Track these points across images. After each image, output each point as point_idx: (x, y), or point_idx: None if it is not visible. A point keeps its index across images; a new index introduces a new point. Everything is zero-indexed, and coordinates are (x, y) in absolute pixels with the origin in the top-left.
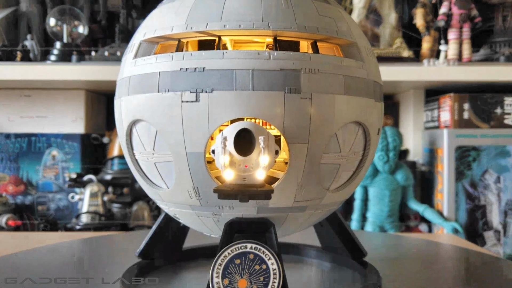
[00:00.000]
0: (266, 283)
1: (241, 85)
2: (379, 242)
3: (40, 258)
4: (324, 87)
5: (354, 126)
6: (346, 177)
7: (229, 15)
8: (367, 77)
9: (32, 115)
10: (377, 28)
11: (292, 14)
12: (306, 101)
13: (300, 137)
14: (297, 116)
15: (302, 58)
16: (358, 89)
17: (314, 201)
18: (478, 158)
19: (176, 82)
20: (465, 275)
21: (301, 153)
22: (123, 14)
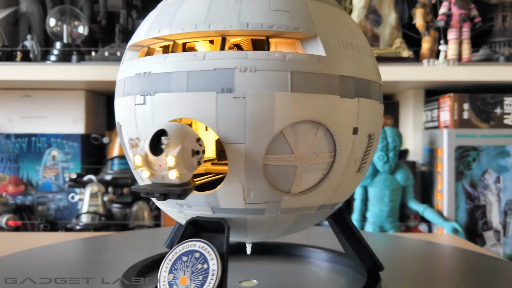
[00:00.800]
0: (203, 282)
1: (177, 87)
2: (379, 242)
3: (40, 258)
4: (261, 85)
5: (310, 125)
6: (314, 180)
7: (178, 20)
8: (329, 72)
9: (32, 115)
10: (377, 28)
11: (237, 12)
12: (240, 100)
13: (235, 137)
14: (230, 116)
15: (238, 56)
16: (312, 85)
17: (271, 204)
18: (478, 158)
19: (132, 86)
20: (465, 275)
21: (239, 154)
22: (123, 14)
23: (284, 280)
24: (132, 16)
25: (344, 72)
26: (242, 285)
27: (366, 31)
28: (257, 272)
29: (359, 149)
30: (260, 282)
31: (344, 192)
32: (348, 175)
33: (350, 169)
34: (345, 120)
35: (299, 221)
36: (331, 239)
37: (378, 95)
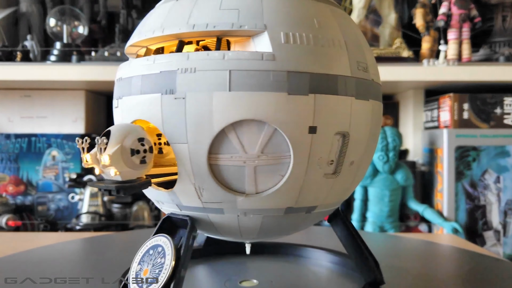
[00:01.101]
0: (157, 276)
1: (135, 91)
2: (379, 242)
3: (40, 258)
4: (200, 85)
5: (256, 124)
6: (273, 181)
7: (145, 27)
8: (275, 68)
9: (32, 116)
10: (377, 28)
11: (188, 15)
12: (181, 101)
13: (179, 137)
14: (173, 117)
15: (180, 58)
16: (254, 83)
17: (227, 204)
18: (478, 158)
19: (115, 90)
20: (465, 275)
21: (183, 153)
22: (123, 14)
23: (284, 280)
24: (132, 16)
25: (295, 67)
26: (242, 285)
27: (366, 31)
28: (257, 272)
29: (323, 150)
30: (260, 282)
31: (319, 196)
32: (314, 178)
33: (314, 171)
34: (296, 119)
35: (274, 223)
36: (331, 239)
37: (355, 90)
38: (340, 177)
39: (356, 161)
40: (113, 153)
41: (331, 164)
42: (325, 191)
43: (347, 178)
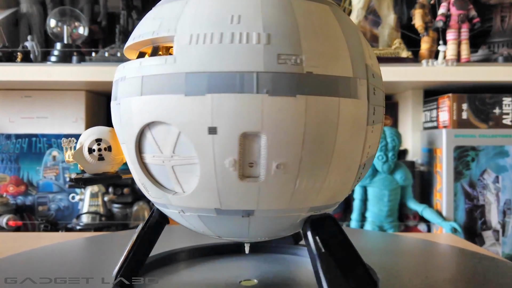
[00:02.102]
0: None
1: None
2: (378, 241)
3: (40, 258)
4: (126, 91)
5: (164, 126)
6: (194, 182)
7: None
8: (175, 71)
9: (32, 116)
10: (376, 28)
11: (155, 22)
12: (118, 106)
13: (120, 138)
14: (116, 121)
15: (121, 68)
16: (158, 87)
17: (165, 200)
18: (477, 158)
19: None
20: (463, 274)
21: (125, 152)
22: (123, 15)
23: (285, 280)
24: (133, 17)
25: (193, 68)
26: (242, 284)
27: (366, 31)
28: (257, 272)
29: (229, 151)
30: (260, 281)
31: (250, 199)
32: (230, 180)
33: (227, 173)
34: (194, 120)
35: (214, 223)
36: None
37: (270, 87)
38: (270, 182)
39: (289, 164)
40: (74, 151)
41: (250, 166)
42: (255, 195)
43: (282, 183)
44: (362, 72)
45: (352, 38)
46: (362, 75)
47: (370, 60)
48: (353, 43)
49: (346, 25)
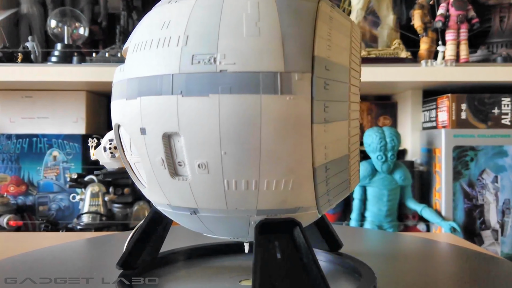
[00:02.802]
0: None
1: None
2: (377, 240)
3: (40, 258)
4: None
5: (122, 128)
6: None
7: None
8: (123, 78)
9: (33, 116)
10: (375, 29)
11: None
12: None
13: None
14: None
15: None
16: (115, 92)
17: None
18: (476, 158)
19: None
20: (463, 273)
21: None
22: (123, 15)
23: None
24: (133, 18)
25: (132, 74)
26: (242, 284)
27: (365, 32)
28: None
29: (157, 151)
30: None
31: (185, 197)
32: (164, 179)
33: (161, 172)
34: (131, 121)
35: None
36: None
37: (184, 88)
38: (197, 181)
39: (211, 164)
40: (96, 150)
41: (180, 165)
42: (190, 194)
43: (209, 183)
44: (303, 66)
45: (296, 28)
46: (304, 68)
47: (327, 51)
48: (296, 34)
49: (292, 15)
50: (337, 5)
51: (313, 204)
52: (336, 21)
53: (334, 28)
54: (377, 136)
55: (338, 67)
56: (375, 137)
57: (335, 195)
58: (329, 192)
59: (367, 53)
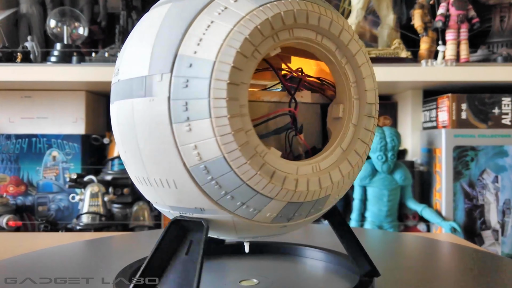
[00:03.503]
0: None
1: None
2: (377, 240)
3: (40, 258)
4: None
5: None
6: None
7: None
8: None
9: (32, 116)
10: (375, 29)
11: None
12: None
13: None
14: None
15: None
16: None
17: None
18: (476, 158)
19: None
20: (464, 273)
21: None
22: (123, 15)
23: (285, 279)
24: (132, 17)
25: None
26: (242, 284)
27: (365, 31)
28: (257, 271)
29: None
30: (260, 281)
31: None
32: None
33: None
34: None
35: None
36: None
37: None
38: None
39: (125, 160)
40: None
41: None
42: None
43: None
44: (164, 67)
45: (170, 31)
46: (164, 69)
47: (196, 47)
48: (165, 36)
49: (171, 18)
50: (337, 5)
51: (215, 207)
52: (230, 11)
53: (220, 20)
54: (377, 136)
55: (204, 63)
56: (375, 137)
57: (249, 199)
58: (233, 194)
59: (367, 53)
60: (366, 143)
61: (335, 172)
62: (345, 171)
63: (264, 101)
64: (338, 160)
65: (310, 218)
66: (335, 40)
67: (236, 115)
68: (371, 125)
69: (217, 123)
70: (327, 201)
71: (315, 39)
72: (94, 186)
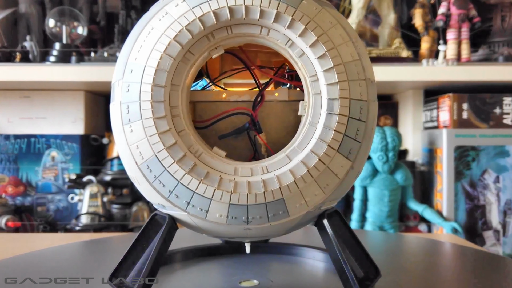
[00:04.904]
0: None
1: None
2: (378, 241)
3: (40, 258)
4: None
5: None
6: None
7: None
8: None
9: (31, 116)
10: (376, 28)
11: None
12: None
13: None
14: None
15: None
16: None
17: None
18: (477, 158)
19: None
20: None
21: None
22: (122, 15)
23: (285, 280)
24: (131, 17)
25: None
26: (242, 285)
27: (365, 31)
28: (257, 272)
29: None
30: (261, 282)
31: None
32: None
33: None
34: None
35: None
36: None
37: None
38: None
39: None
40: None
41: None
42: None
43: None
44: (119, 74)
45: (129, 40)
46: (119, 76)
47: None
48: (126, 46)
49: (134, 28)
50: (337, 4)
51: (170, 204)
52: (168, 16)
53: (158, 25)
54: (378, 136)
55: (139, 68)
56: (376, 137)
57: (190, 198)
58: (176, 193)
59: (368, 52)
60: (326, 142)
61: (285, 175)
62: (298, 174)
63: (231, 101)
64: (292, 161)
65: (280, 223)
66: (285, 32)
67: (162, 117)
68: (333, 123)
69: (145, 124)
70: (290, 206)
71: (260, 34)
72: (93, 186)
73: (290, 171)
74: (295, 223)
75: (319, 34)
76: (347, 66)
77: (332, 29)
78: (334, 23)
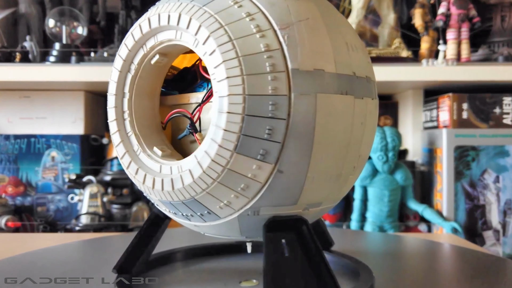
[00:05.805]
0: None
1: None
2: (378, 242)
3: (39, 258)
4: None
5: None
6: None
7: None
8: None
9: (31, 116)
10: (375, 28)
11: None
12: None
13: None
14: None
15: None
16: None
17: None
18: (477, 158)
19: None
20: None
21: None
22: (122, 15)
23: None
24: (131, 17)
25: None
26: (242, 285)
27: (365, 31)
28: (257, 272)
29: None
30: (260, 282)
31: None
32: None
33: None
34: None
35: None
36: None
37: None
38: None
39: None
40: None
41: None
42: None
43: None
44: None
45: None
46: None
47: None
48: None
49: None
50: (337, 4)
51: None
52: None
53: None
54: (377, 136)
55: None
56: (376, 137)
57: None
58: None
59: (368, 52)
60: (217, 143)
61: (186, 175)
62: (196, 174)
63: (185, 104)
64: (193, 162)
65: (219, 223)
66: (190, 33)
67: (113, 120)
68: (222, 122)
69: (110, 126)
70: (211, 206)
71: (175, 38)
72: (93, 186)
73: (189, 171)
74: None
75: (213, 28)
76: (246, 60)
77: (234, 23)
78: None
